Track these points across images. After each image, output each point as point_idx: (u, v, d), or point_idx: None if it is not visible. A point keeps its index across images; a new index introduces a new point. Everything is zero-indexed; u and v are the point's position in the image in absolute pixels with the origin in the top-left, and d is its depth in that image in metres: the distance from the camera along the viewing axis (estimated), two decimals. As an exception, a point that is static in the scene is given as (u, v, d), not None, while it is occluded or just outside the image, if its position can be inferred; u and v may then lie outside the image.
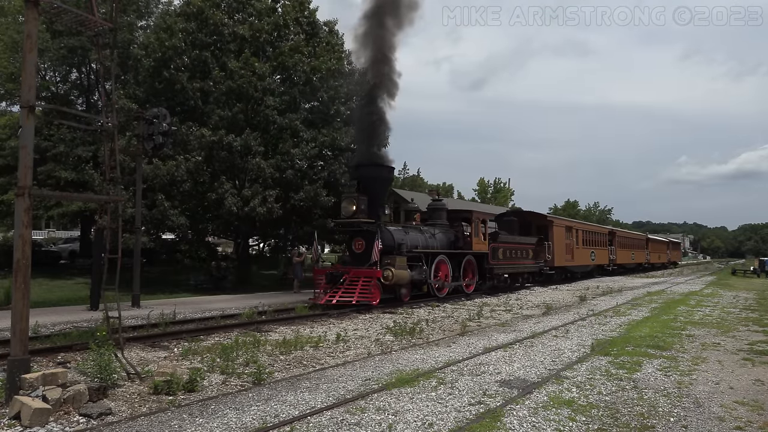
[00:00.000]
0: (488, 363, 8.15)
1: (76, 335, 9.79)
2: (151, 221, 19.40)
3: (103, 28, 7.33)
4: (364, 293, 14.92)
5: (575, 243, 30.39)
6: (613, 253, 38.20)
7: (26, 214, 6.04)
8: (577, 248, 30.70)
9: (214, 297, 18.09)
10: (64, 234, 43.70)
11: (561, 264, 28.00)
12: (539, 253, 25.50)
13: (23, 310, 6.05)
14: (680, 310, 15.97)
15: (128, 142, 18.53)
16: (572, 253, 29.77)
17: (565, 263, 28.82)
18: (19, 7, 23.00)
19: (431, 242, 18.15)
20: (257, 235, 24.52)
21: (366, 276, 15.19)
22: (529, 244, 24.70)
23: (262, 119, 19.99)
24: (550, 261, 26.49)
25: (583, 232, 32.72)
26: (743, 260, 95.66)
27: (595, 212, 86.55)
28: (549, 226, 27.20)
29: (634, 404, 6.11)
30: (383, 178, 17.12)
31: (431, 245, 18.02)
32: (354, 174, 17.13)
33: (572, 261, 29.87)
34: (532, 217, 27.82)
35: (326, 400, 6.12)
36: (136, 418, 5.49)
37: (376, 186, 16.48)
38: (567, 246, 29.01)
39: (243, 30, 20.48)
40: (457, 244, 19.39)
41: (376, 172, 16.62)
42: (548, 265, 26.32)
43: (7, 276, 16.91)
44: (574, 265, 30.48)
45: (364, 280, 15.12)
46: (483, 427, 5.24)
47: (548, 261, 26.34)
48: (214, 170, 20.25)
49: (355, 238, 16.26)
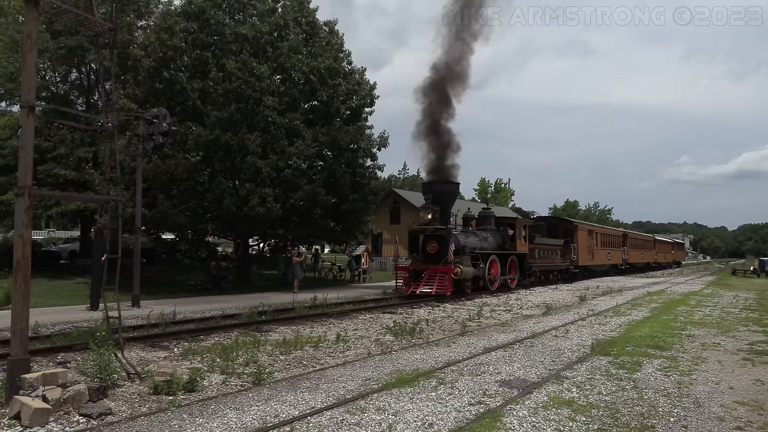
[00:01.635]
0: (488, 363, 8.16)
1: (76, 335, 9.78)
2: (150, 221, 19.39)
3: (103, 28, 7.33)
4: (441, 286, 18.18)
5: (595, 245, 33.77)
6: (625, 254, 41.10)
7: (26, 214, 6.04)
8: (597, 249, 34.07)
9: (214, 297, 18.08)
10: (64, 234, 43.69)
11: (584, 263, 31.32)
12: (566, 254, 29.05)
13: (23, 310, 6.05)
14: (680, 310, 15.98)
15: (128, 142, 18.52)
16: (593, 253, 33.15)
17: (587, 263, 32.14)
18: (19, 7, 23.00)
19: (485, 244, 21.61)
20: (257, 235, 24.51)
21: (442, 272, 18.49)
22: (558, 245, 28.21)
23: (260, 119, 19.99)
24: (575, 260, 29.90)
25: (601, 234, 36.13)
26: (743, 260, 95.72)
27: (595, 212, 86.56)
28: (574, 230, 30.62)
29: (634, 404, 6.11)
30: (452, 192, 20.81)
31: (486, 247, 21.49)
32: (427, 189, 20.56)
33: (593, 261, 33.22)
34: (559, 222, 31.72)
35: (326, 400, 6.12)
36: (136, 418, 5.49)
37: (446, 199, 20.10)
38: (588, 247, 32.37)
39: (245, 30, 20.48)
40: (504, 245, 22.76)
41: (447, 188, 20.40)
42: (573, 264, 29.79)
43: (7, 276, 16.92)
44: (595, 264, 33.82)
45: (441, 275, 18.42)
46: (483, 427, 5.24)
47: (573, 261, 29.76)
48: (213, 170, 20.24)
49: (429, 240, 19.58)
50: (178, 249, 27.33)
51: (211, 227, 22.02)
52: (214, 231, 23.10)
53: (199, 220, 20.75)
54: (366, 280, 27.71)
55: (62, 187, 22.23)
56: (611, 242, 37.95)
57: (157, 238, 24.87)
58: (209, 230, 22.56)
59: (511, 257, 22.89)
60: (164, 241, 27.32)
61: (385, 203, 41.38)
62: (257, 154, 19.47)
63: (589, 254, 32.28)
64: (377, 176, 25.91)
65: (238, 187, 19.97)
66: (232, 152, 19.49)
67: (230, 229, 22.81)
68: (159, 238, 25.47)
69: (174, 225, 20.03)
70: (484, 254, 20.82)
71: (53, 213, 25.26)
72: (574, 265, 29.85)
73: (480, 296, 19.86)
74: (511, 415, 5.62)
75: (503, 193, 71.37)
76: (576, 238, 30.25)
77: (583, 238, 31.42)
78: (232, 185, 20.13)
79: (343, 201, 22.45)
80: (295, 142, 20.35)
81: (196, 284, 21.12)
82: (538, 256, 25.35)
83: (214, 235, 25.05)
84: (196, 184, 19.71)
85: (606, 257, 36.18)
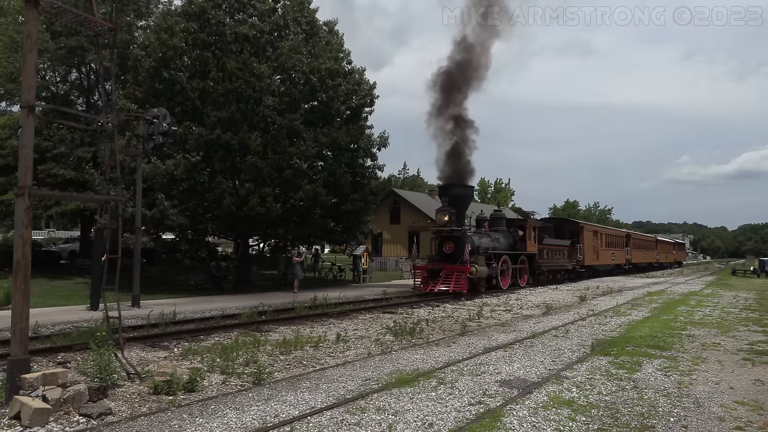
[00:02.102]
0: (488, 363, 8.15)
1: (76, 335, 9.77)
2: (150, 221, 19.39)
3: (103, 28, 7.33)
4: (458, 284, 19.34)
5: (600, 245, 34.64)
6: (629, 254, 41.87)
7: (26, 214, 6.04)
8: (602, 249, 35.00)
9: (214, 297, 18.08)
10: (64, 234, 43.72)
11: (590, 263, 32.26)
12: (572, 254, 29.92)
13: (23, 310, 6.05)
14: (680, 310, 15.98)
15: (128, 142, 18.51)
16: (597, 254, 34.06)
17: (593, 263, 33.10)
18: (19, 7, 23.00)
19: (498, 245, 22.76)
20: (257, 235, 24.51)
21: (458, 271, 19.57)
22: (565, 246, 29.17)
23: (260, 119, 19.98)
24: (581, 260, 30.78)
25: (606, 235, 37.05)
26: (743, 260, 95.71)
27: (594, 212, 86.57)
28: (580, 230, 31.52)
29: (634, 404, 6.11)
30: (467, 195, 22.16)
31: (498, 247, 22.67)
32: (444, 192, 21.50)
33: (598, 261, 34.16)
34: (566, 223, 32.74)
35: (326, 400, 6.12)
36: (136, 418, 5.49)
37: (462, 201, 21.29)
38: (593, 248, 33.29)
39: (246, 29, 20.47)
40: (515, 246, 23.90)
41: (463, 191, 21.58)
42: (579, 264, 30.68)
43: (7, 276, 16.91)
44: (599, 264, 34.78)
45: (457, 274, 19.52)
46: (483, 427, 5.24)
47: (579, 260, 30.63)
48: (213, 170, 20.23)
49: (446, 241, 20.66)
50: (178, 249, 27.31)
51: (211, 227, 22.01)
52: (214, 231, 23.10)
53: (199, 220, 20.74)
54: (366, 280, 27.71)
55: (62, 187, 22.23)
56: (615, 243, 38.92)
57: (157, 238, 24.85)
58: (209, 230, 22.56)
59: (522, 257, 24.03)
60: (164, 241, 27.31)
61: (385, 203, 41.39)
62: (258, 154, 19.47)
63: (594, 254, 33.25)
64: (377, 176, 25.93)
65: (238, 187, 19.97)
66: (232, 152, 19.48)
67: (230, 229, 22.80)
68: (159, 238, 25.44)
69: (174, 225, 20.02)
70: (497, 254, 22.02)
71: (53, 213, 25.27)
72: (580, 265, 30.77)
73: (480, 296, 19.90)
74: (511, 415, 5.62)
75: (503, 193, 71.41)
76: (582, 238, 31.13)
77: (589, 238, 32.36)
78: (232, 185, 20.13)
79: (343, 201, 22.45)
80: (296, 142, 20.35)
81: (196, 284, 21.12)
82: (546, 256, 26.43)
83: (214, 235, 25.05)
84: (196, 184, 19.70)
85: (610, 257, 37.17)
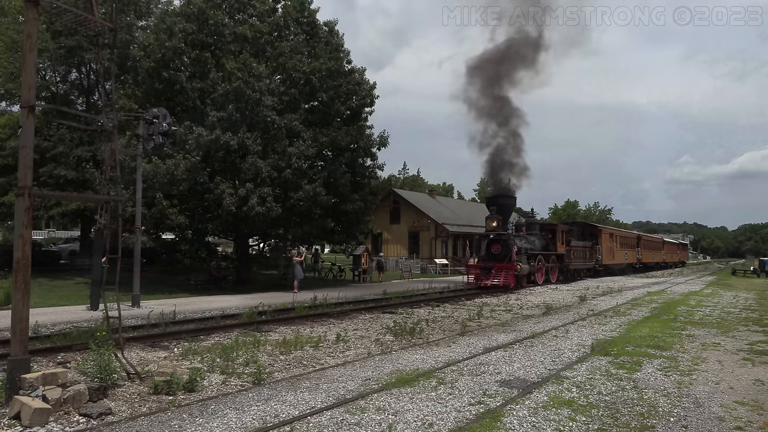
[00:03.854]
0: (488, 363, 8.15)
1: (76, 335, 9.78)
2: (150, 221, 19.38)
3: (103, 28, 7.32)
4: (507, 279, 22.82)
5: (615, 246, 37.87)
6: (639, 254, 44.93)
7: (26, 214, 6.04)
8: (617, 250, 38.22)
9: (214, 297, 18.07)
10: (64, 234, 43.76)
11: (607, 263, 35.55)
12: (592, 254, 33.36)
13: (23, 310, 6.05)
14: (680, 310, 15.98)
15: (128, 142, 18.51)
16: (613, 254, 37.27)
17: (609, 262, 36.33)
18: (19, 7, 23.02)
19: (533, 246, 26.37)
20: (257, 235, 24.51)
21: (507, 268, 23.01)
22: (586, 247, 32.65)
23: (260, 119, 19.98)
24: (600, 260, 34.13)
25: (620, 237, 40.59)
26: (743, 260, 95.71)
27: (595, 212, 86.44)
28: (599, 233, 34.82)
29: (634, 404, 6.11)
30: (511, 204, 26.00)
31: (534, 248, 26.28)
32: (492, 201, 25.22)
33: (613, 260, 37.34)
34: (585, 227, 35.71)
35: (326, 400, 6.12)
36: (136, 418, 5.49)
37: (507, 210, 25.27)
38: (609, 249, 36.45)
39: (245, 29, 20.45)
40: (548, 247, 27.74)
41: (507, 201, 25.42)
42: (598, 263, 34.03)
43: (7, 276, 16.92)
44: (615, 263, 37.88)
45: (506, 271, 22.98)
46: (483, 427, 5.24)
47: (598, 260, 33.99)
48: (213, 170, 20.22)
49: (493, 244, 24.46)
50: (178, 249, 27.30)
51: (211, 227, 22.02)
52: (214, 231, 23.10)
53: (199, 220, 20.74)
54: (366, 280, 27.71)
55: (62, 187, 22.25)
56: (628, 244, 42.30)
57: (157, 238, 24.86)
58: (209, 230, 22.56)
59: (552, 256, 27.75)
60: (164, 241, 27.33)
61: (385, 203, 41.38)
62: (257, 154, 19.46)
63: (610, 255, 36.46)
64: (377, 176, 25.93)
65: (238, 187, 19.97)
66: (231, 152, 19.47)
67: (230, 229, 22.81)
68: (159, 238, 25.46)
69: (174, 225, 20.02)
70: (533, 254, 25.73)
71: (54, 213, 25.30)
72: (599, 264, 34.07)
73: (480, 296, 19.95)
74: (511, 415, 5.62)
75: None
76: (600, 240, 34.31)
77: (606, 240, 35.57)
78: (232, 185, 20.13)
79: (343, 201, 22.44)
80: (295, 143, 20.34)
81: (196, 284, 21.12)
82: (573, 256, 30.04)
83: (214, 235, 25.05)
84: (196, 184, 19.71)
85: (624, 257, 40.29)
